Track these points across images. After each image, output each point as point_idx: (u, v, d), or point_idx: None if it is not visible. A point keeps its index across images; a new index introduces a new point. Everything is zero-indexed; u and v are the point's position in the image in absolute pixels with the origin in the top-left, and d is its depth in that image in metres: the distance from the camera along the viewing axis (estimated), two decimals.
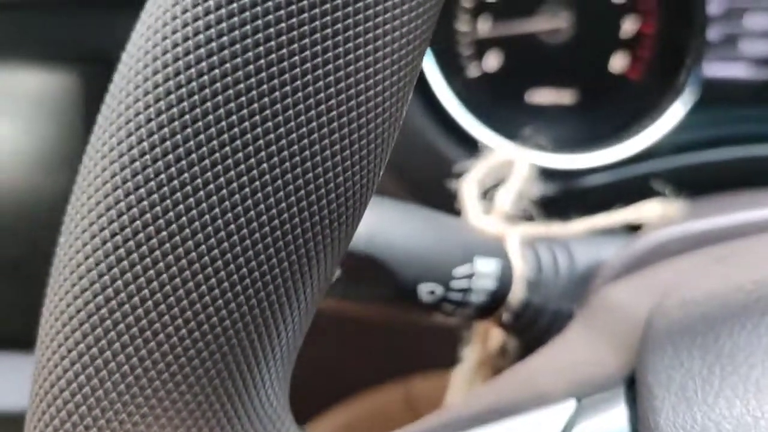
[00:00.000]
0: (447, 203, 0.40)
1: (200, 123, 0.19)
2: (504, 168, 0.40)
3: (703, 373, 0.24)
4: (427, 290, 0.35)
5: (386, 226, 0.34)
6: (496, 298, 0.37)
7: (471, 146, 0.46)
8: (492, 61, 0.51)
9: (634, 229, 0.40)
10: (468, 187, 0.39)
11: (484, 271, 0.36)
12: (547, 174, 0.45)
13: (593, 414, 0.25)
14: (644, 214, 0.39)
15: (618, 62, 0.51)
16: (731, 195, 0.40)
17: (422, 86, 0.49)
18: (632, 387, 0.25)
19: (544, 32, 0.51)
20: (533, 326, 0.38)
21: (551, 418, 0.25)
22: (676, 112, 0.48)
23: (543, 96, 0.52)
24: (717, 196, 0.41)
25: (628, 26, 0.51)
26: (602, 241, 0.39)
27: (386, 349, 0.56)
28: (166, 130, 0.19)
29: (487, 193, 0.40)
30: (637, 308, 0.28)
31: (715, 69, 0.49)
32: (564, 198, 0.46)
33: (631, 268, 0.36)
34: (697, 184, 0.43)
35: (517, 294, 0.37)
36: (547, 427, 0.24)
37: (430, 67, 0.49)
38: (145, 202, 0.19)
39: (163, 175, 0.19)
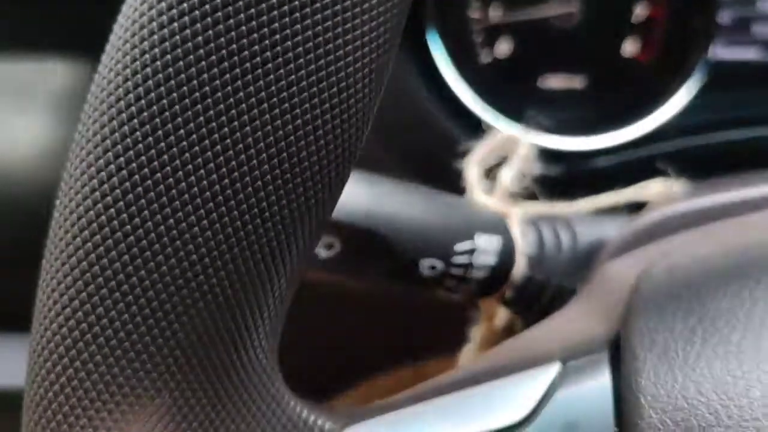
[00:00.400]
0: (455, 186, 0.41)
1: (187, 100, 0.20)
2: (507, 147, 0.41)
3: (686, 335, 0.24)
4: (428, 265, 0.36)
5: (387, 202, 0.35)
6: (498, 274, 0.37)
7: (480, 130, 0.47)
8: (503, 47, 0.52)
9: (638, 208, 0.40)
10: (471, 167, 0.40)
11: (486, 247, 0.36)
12: (555, 155, 0.46)
13: (577, 376, 0.25)
14: (647, 194, 0.39)
15: (629, 46, 0.51)
16: (736, 175, 0.40)
17: (433, 72, 0.50)
18: (617, 350, 0.26)
19: (556, 17, 0.51)
20: (536, 302, 0.38)
21: (536, 379, 0.25)
22: (685, 95, 0.48)
23: (554, 81, 0.52)
24: (722, 177, 0.41)
25: (639, 10, 0.51)
26: (605, 219, 0.39)
27: (399, 336, 0.57)
28: (152, 94, 0.20)
29: (491, 173, 0.40)
30: (628, 278, 0.29)
31: (726, 52, 0.49)
32: (571, 179, 0.46)
33: (632, 244, 0.37)
34: (705, 165, 0.43)
35: (519, 270, 0.37)
36: (532, 388, 0.25)
37: (441, 53, 0.50)
38: (133, 163, 0.20)
39: (150, 137, 0.20)
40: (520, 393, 0.25)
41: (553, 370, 0.25)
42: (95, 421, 0.22)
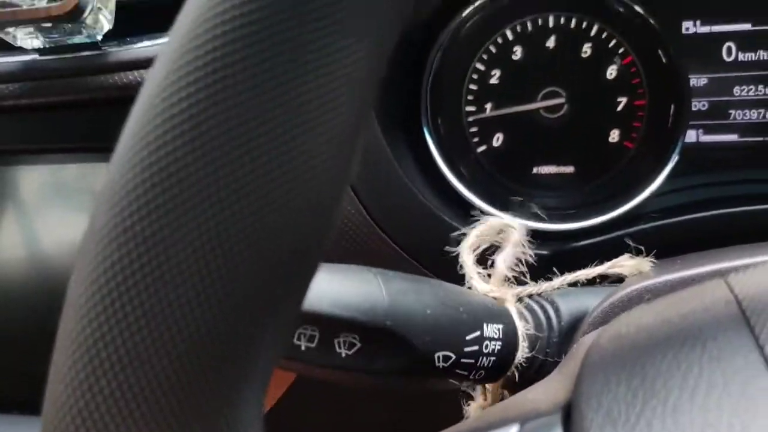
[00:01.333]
0: (451, 270, 0.44)
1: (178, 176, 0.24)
2: (500, 233, 0.44)
3: (628, 397, 0.27)
4: (442, 357, 0.37)
5: (402, 300, 0.37)
6: (504, 359, 0.39)
7: (473, 217, 0.50)
8: (497, 139, 0.56)
9: (618, 280, 0.43)
10: (466, 254, 0.43)
11: (492, 335, 0.39)
12: (542, 236, 0.49)
13: None
14: (621, 270, 0.42)
15: (614, 134, 0.55)
16: (707, 251, 0.43)
17: (429, 163, 0.54)
18: (570, 412, 0.28)
19: (544, 110, 0.55)
20: (536, 380, 0.40)
21: None
22: (666, 177, 0.51)
23: (545, 168, 0.56)
24: (695, 252, 0.43)
25: (621, 100, 0.55)
26: (586, 293, 0.42)
27: (401, 416, 0.59)
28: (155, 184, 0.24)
29: (486, 257, 0.43)
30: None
31: (704, 136, 0.53)
32: (557, 257, 0.49)
33: (608, 317, 0.39)
34: (680, 242, 0.46)
35: (523, 352, 0.40)
36: None
37: (436, 145, 0.54)
38: (134, 254, 0.24)
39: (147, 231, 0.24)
40: None
41: (512, 431, 0.28)
42: None
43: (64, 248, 0.62)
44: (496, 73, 0.56)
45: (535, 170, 0.56)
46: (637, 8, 0.53)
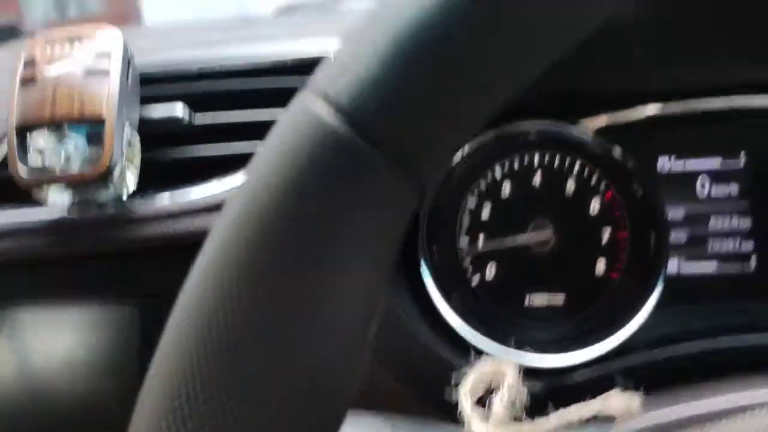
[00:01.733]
0: (449, 408, 0.46)
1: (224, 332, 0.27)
2: (497, 375, 0.47)
3: None
4: None
5: None
6: None
7: (469, 352, 0.53)
8: (489, 272, 0.60)
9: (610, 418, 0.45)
10: (465, 397, 0.46)
11: None
12: (535, 373, 0.52)
13: None
14: (610, 407, 0.45)
15: (600, 265, 0.59)
16: (695, 386, 0.45)
17: (426, 300, 0.57)
18: None
19: (533, 244, 0.59)
20: None
21: None
22: (650, 308, 0.55)
23: (536, 299, 0.59)
24: (683, 387, 0.46)
25: (605, 233, 0.58)
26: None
27: None
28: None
29: (484, 398, 0.46)
30: None
31: (685, 267, 0.56)
32: (548, 394, 0.52)
33: None
34: (673, 374, 0.49)
35: None
36: None
37: (432, 281, 0.58)
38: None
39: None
40: None
41: None
42: None
43: (56, 366, 0.63)
44: (487, 208, 0.60)
45: (526, 302, 0.59)
46: (614, 150, 0.57)
